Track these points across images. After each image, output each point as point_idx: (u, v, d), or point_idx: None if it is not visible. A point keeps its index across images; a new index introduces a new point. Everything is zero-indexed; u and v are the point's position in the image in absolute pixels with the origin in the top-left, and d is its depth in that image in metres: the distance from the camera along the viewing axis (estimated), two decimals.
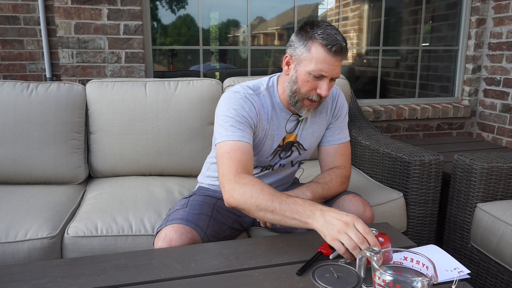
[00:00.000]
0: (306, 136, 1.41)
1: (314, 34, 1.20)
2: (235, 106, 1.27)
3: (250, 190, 1.11)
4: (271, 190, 1.11)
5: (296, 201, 1.07)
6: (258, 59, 2.86)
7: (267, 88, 1.35)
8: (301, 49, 1.23)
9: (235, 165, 1.18)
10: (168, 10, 2.65)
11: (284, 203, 1.07)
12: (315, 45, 1.20)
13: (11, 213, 1.51)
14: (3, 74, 2.47)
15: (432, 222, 1.87)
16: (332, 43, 1.19)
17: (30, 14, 2.43)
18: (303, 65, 1.23)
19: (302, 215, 1.05)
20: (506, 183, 1.71)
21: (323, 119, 1.43)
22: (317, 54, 1.20)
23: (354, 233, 0.97)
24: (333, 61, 1.21)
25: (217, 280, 0.99)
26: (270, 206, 1.08)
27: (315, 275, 0.86)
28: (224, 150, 1.22)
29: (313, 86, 1.25)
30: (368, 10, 2.99)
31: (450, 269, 1.04)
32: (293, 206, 1.06)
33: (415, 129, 2.95)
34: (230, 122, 1.25)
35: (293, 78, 1.27)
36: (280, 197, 1.09)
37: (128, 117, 1.91)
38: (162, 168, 1.98)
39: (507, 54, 2.74)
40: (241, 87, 1.33)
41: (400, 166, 1.83)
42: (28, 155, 1.81)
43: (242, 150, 1.22)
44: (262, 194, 1.09)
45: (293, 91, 1.28)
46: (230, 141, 1.22)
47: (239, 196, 1.12)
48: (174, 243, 1.19)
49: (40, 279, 0.98)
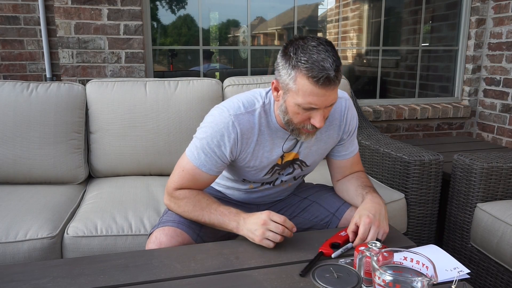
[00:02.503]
0: (309, 154, 1.31)
1: (298, 63, 1.04)
2: (213, 138, 1.19)
3: (184, 206, 1.23)
4: (202, 204, 1.22)
5: (223, 213, 1.19)
6: (258, 59, 2.86)
7: (263, 105, 1.22)
8: (286, 77, 1.07)
9: (180, 183, 1.24)
10: (168, 10, 2.65)
11: (212, 215, 1.20)
12: (300, 76, 1.04)
13: (11, 213, 1.51)
14: (3, 74, 2.47)
15: (432, 222, 1.87)
16: (318, 75, 1.01)
17: (30, 14, 2.43)
18: (291, 96, 1.09)
19: (228, 225, 1.18)
20: (506, 183, 1.71)
21: (331, 137, 1.31)
22: (303, 86, 1.04)
23: (273, 226, 1.11)
24: (323, 93, 1.04)
25: (217, 280, 0.99)
26: (201, 219, 1.22)
27: (315, 275, 0.86)
28: (182, 164, 1.25)
29: (305, 117, 1.11)
30: (368, 10, 2.99)
31: (450, 269, 1.04)
32: (220, 218, 1.19)
33: (415, 129, 2.95)
34: (203, 149, 1.20)
35: (282, 108, 1.14)
36: (209, 211, 1.20)
37: (128, 117, 1.91)
38: (162, 168, 1.98)
39: (507, 54, 2.74)
40: (232, 106, 1.21)
41: (400, 166, 1.83)
42: (28, 155, 1.81)
43: (196, 178, 1.24)
44: (194, 210, 1.22)
45: (285, 121, 1.16)
46: (191, 163, 1.22)
47: (176, 209, 1.26)
48: (164, 246, 1.19)
49: (40, 279, 0.98)
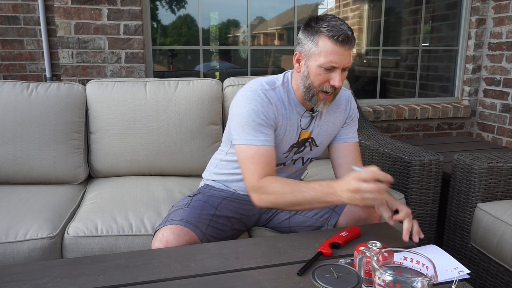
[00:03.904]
0: (320, 133, 1.43)
1: (320, 28, 1.23)
2: (254, 107, 1.27)
3: (273, 193, 1.21)
4: (291, 188, 1.20)
5: (314, 188, 1.17)
6: (258, 59, 2.86)
7: (283, 83, 1.36)
8: (309, 44, 1.25)
9: (258, 171, 1.24)
10: (168, 10, 2.65)
11: (305, 193, 1.18)
12: (321, 38, 1.22)
13: (11, 213, 1.51)
14: (3, 74, 2.47)
15: (432, 222, 1.87)
16: (338, 33, 1.20)
17: (30, 14, 2.43)
18: (313, 60, 1.25)
19: (326, 197, 1.16)
20: (506, 183, 1.71)
21: (338, 118, 1.45)
22: (325, 46, 1.22)
23: (369, 188, 1.07)
24: (342, 51, 1.22)
25: (217, 280, 0.99)
26: (295, 201, 1.20)
27: (315, 275, 0.86)
28: (247, 154, 1.25)
29: (325, 79, 1.26)
30: (368, 10, 2.99)
31: (450, 269, 1.04)
32: (313, 194, 1.17)
33: (415, 129, 2.95)
34: (252, 125, 1.26)
35: (305, 74, 1.29)
36: (300, 189, 1.18)
37: (128, 117, 1.91)
38: (162, 168, 1.98)
39: (507, 54, 2.74)
40: (256, 84, 1.33)
41: (400, 166, 1.83)
42: (28, 155, 1.81)
43: (265, 155, 1.25)
44: (285, 194, 1.20)
45: (306, 86, 1.29)
46: (254, 146, 1.25)
47: (266, 200, 1.24)
48: (171, 244, 1.19)
49: (40, 279, 0.98)
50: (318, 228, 1.42)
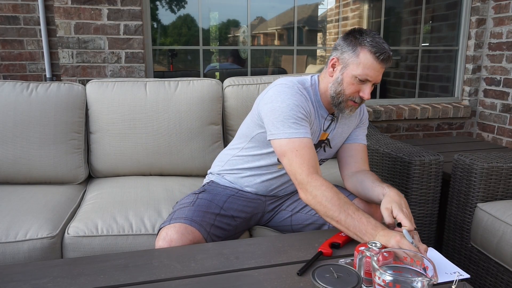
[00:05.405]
0: (336, 135, 1.46)
1: (364, 41, 1.27)
2: (295, 101, 1.28)
3: (321, 197, 1.19)
4: (340, 201, 1.17)
5: (361, 220, 1.13)
6: (258, 59, 2.86)
7: (311, 85, 1.39)
8: (349, 53, 1.29)
9: (306, 164, 1.23)
10: (168, 10, 2.65)
11: (349, 218, 1.15)
12: (364, 51, 1.27)
13: (11, 213, 1.51)
14: (3, 74, 2.47)
15: (432, 222, 1.87)
16: (381, 51, 1.26)
17: (30, 14, 2.43)
18: (350, 69, 1.29)
19: (364, 235, 1.12)
20: (506, 183, 1.71)
21: (352, 122, 1.49)
22: (365, 60, 1.27)
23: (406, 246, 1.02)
24: (379, 68, 1.28)
25: (217, 280, 0.99)
26: (336, 217, 1.16)
27: (315, 275, 0.86)
28: (291, 147, 1.25)
29: (357, 89, 1.31)
30: (368, 10, 2.99)
31: (450, 273, 1.04)
32: (357, 224, 1.13)
33: (415, 129, 2.95)
34: (294, 118, 1.27)
35: (338, 80, 1.32)
36: (347, 211, 1.15)
37: (128, 117, 1.91)
38: (162, 168, 1.98)
39: (507, 54, 2.74)
40: (291, 81, 1.34)
41: (400, 166, 1.83)
42: (28, 155, 1.81)
43: (308, 147, 1.26)
44: (331, 204, 1.17)
45: (337, 92, 1.33)
46: (297, 139, 1.25)
47: (311, 199, 1.21)
48: (175, 243, 1.19)
49: (40, 279, 0.98)
50: (319, 226, 1.42)
